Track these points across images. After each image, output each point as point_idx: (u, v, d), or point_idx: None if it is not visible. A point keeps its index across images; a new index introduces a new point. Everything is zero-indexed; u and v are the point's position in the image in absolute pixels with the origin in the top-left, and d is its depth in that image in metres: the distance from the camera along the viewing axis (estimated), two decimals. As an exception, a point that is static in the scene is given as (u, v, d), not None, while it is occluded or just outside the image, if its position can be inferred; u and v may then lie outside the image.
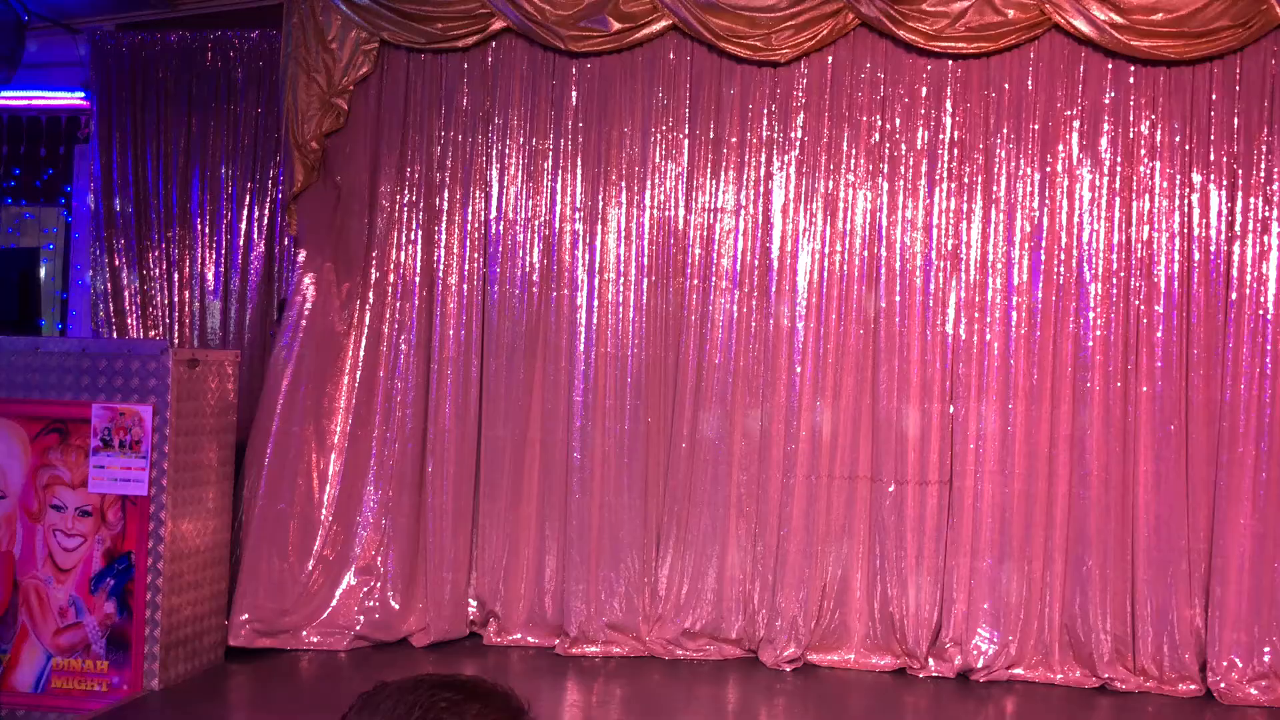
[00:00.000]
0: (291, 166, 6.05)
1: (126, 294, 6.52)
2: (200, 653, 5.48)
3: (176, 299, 6.51)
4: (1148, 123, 5.84)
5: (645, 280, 6.12)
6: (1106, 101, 5.88)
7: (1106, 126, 5.87)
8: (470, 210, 6.23)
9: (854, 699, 5.72)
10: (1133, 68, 5.85)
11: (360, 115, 6.21)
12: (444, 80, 6.25)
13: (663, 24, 6.06)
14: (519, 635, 6.08)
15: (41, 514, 5.22)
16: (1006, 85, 5.96)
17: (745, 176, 6.11)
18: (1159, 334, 5.78)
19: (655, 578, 6.05)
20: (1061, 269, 5.90)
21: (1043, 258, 5.90)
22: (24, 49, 6.15)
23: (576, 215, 6.18)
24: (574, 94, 6.19)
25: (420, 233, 6.21)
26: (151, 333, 6.49)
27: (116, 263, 6.52)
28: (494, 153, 6.23)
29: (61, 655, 5.19)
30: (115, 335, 6.45)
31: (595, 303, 6.12)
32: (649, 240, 6.14)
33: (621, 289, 6.12)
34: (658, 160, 6.15)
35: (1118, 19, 5.74)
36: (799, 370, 6.00)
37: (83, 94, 6.89)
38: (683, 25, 6.04)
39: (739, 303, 6.07)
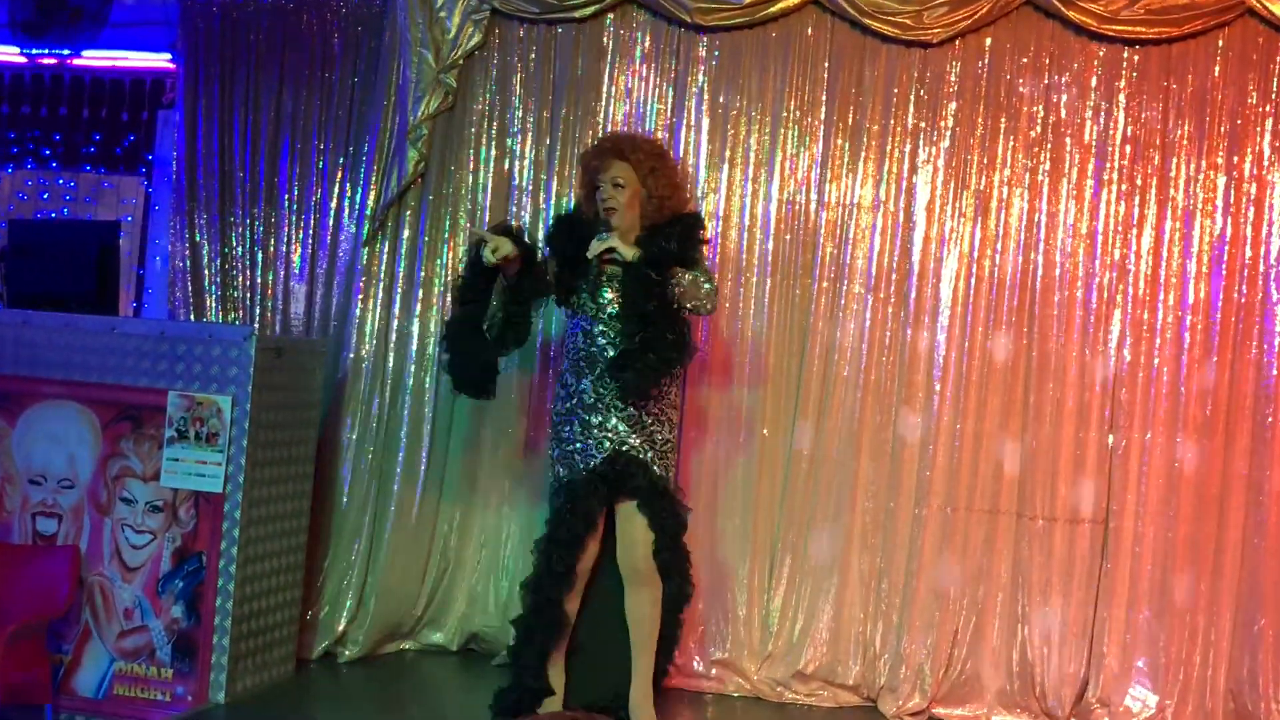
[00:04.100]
0: (404, 156, 6.39)
1: (207, 273, 6.75)
2: (270, 665, 5.74)
3: (259, 280, 6.74)
4: (1354, 122, 5.83)
5: (769, 279, 6.29)
6: (1307, 97, 5.89)
7: (1306, 125, 5.90)
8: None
9: (984, 760, 5.85)
10: (1339, 59, 5.85)
11: (468, 92, 6.50)
12: (558, 53, 6.48)
13: (801, -4, 6.23)
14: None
15: (110, 507, 5.49)
16: (1189, 75, 6.02)
17: (886, 169, 6.23)
18: (1355, 366, 5.78)
19: (767, 611, 6.21)
20: (1244, 287, 5.94)
21: (1223, 273, 5.95)
22: (112, 6, 6.50)
23: (696, 203, 6.33)
24: (699, 70, 6.39)
25: (527, 218, 6.46)
26: (231, 316, 6.72)
27: (197, 239, 6.75)
28: (609, 130, 6.39)
29: (125, 660, 5.45)
30: (193, 317, 6.69)
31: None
32: (775, 235, 6.30)
33: (743, 287, 6.31)
34: (789, 148, 6.31)
35: (1324, 2, 5.78)
36: (938, 388, 6.13)
37: (169, 56, 7.16)
38: (824, -2, 6.20)
39: (873, 309, 6.21)
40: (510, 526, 6.49)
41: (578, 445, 5.40)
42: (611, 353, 5.33)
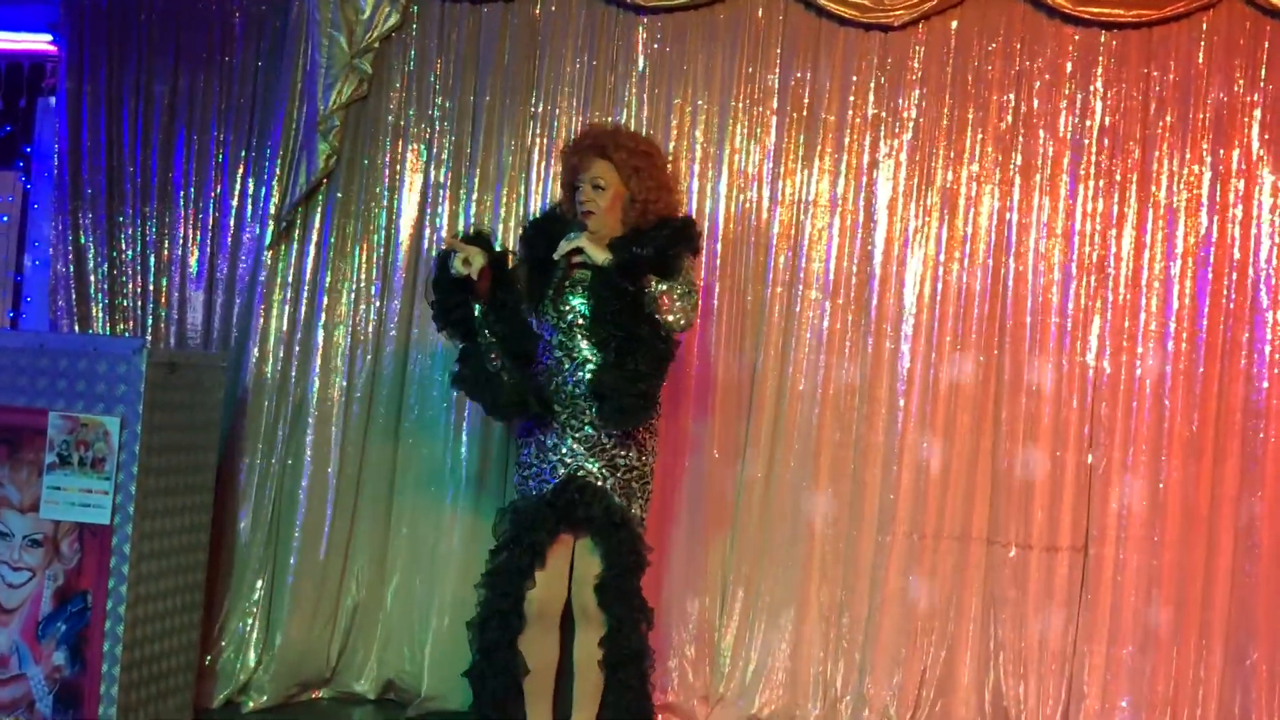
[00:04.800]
0: (313, 149, 6.21)
1: (92, 279, 6.57)
2: (164, 716, 5.52)
3: (151, 287, 6.55)
4: (1348, 114, 5.84)
5: (717, 285, 6.17)
6: (1298, 86, 5.90)
7: (1297, 116, 5.90)
8: (509, 191, 6.30)
9: (955, 810, 5.76)
10: (1332, 46, 5.86)
11: (385, 78, 6.33)
12: (484, 36, 6.32)
13: (751, -25, 6.14)
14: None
15: (-18, 542, 5.30)
16: (1171, 62, 6.02)
17: (845, 163, 6.16)
18: (1353, 377, 5.80)
19: (716, 650, 6.10)
20: (1233, 292, 5.94)
21: (1210, 276, 5.94)
22: (-16, -19, 6.33)
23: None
24: (639, 57, 6.26)
25: (445, 218, 6.33)
26: (120, 327, 6.54)
27: (82, 241, 6.57)
28: (539, 124, 6.31)
29: (0, 713, 5.25)
30: (77, 328, 6.51)
31: (656, 310, 6.19)
32: (724, 236, 6.19)
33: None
34: (738, 141, 6.21)
35: (1317, -17, 5.80)
36: (902, 403, 6.07)
37: (49, 37, 6.96)
38: (775, -23, 6.12)
39: (832, 317, 6.14)
40: (427, 559, 6.28)
41: (533, 469, 5.17)
42: (568, 365, 5.10)
